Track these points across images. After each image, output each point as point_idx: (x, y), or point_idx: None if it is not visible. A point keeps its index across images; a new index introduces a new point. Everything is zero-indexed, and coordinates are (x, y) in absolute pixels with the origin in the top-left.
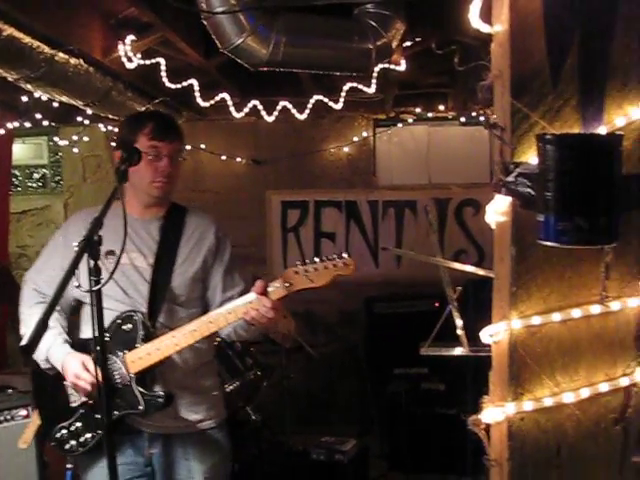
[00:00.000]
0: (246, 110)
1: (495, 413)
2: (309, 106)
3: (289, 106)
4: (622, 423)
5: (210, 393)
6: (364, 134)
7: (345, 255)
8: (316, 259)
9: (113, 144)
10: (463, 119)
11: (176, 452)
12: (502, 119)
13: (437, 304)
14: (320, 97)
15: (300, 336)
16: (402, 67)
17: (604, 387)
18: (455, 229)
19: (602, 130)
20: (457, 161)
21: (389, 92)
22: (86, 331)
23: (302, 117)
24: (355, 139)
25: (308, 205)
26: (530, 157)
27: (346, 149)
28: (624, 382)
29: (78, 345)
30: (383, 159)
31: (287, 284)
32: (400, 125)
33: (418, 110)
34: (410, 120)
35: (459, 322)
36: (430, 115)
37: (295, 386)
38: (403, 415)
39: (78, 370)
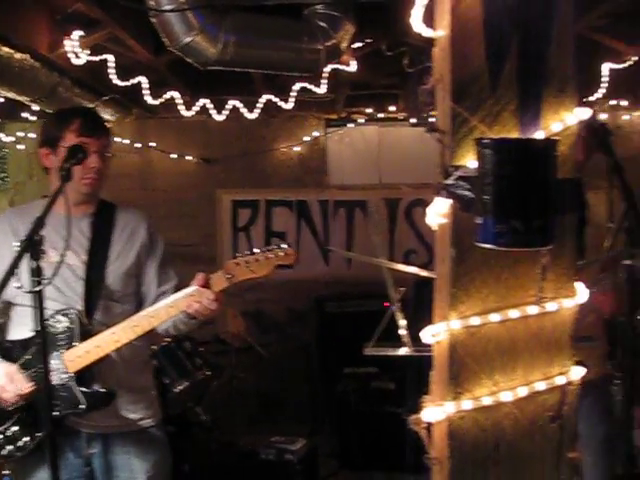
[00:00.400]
0: (196, 109)
1: (435, 412)
2: (259, 105)
3: (239, 105)
4: (558, 420)
5: (149, 392)
6: (315, 134)
7: (285, 245)
8: (256, 250)
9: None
10: (414, 120)
11: (116, 451)
12: (443, 123)
13: (387, 304)
14: (270, 97)
15: (250, 336)
16: (352, 68)
17: (541, 386)
18: (405, 229)
19: (539, 135)
20: (407, 161)
21: (340, 92)
22: (15, 333)
23: (252, 116)
24: (306, 139)
25: (259, 204)
26: (469, 160)
27: (297, 149)
28: (560, 381)
29: (2, 350)
30: (334, 159)
31: (229, 276)
32: (351, 125)
33: (369, 110)
34: (361, 120)
35: (402, 322)
36: (381, 116)
37: (245, 386)
38: (353, 414)
39: (3, 382)
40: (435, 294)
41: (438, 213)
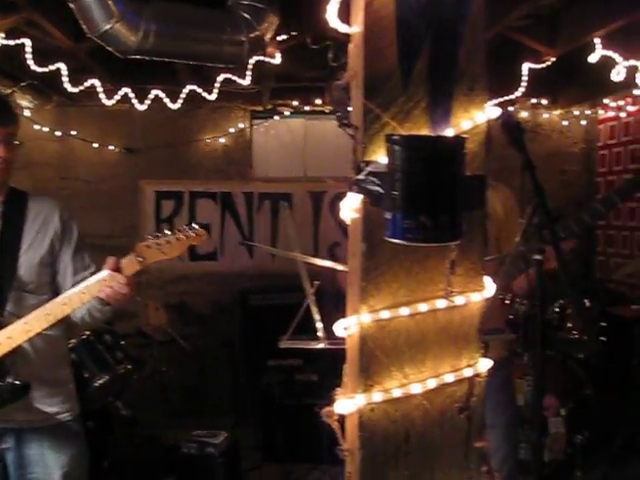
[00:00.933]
0: (117, 97)
1: (346, 404)
2: (182, 96)
3: (162, 95)
4: (466, 411)
5: (66, 385)
6: (241, 125)
7: (196, 225)
8: (167, 231)
9: None
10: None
11: (31, 446)
12: (356, 118)
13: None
14: (194, 87)
15: (172, 328)
16: (277, 60)
17: (449, 378)
18: (330, 222)
19: (449, 132)
20: (333, 155)
21: (266, 85)
22: None
23: (175, 106)
24: (231, 130)
25: (183, 196)
26: (380, 156)
27: (222, 140)
28: (468, 373)
29: None
30: (259, 151)
31: (140, 258)
32: (277, 118)
33: (295, 103)
34: (287, 113)
35: (317, 316)
36: (307, 109)
37: (168, 379)
38: (277, 406)
39: None
40: (348, 288)
41: (351, 208)
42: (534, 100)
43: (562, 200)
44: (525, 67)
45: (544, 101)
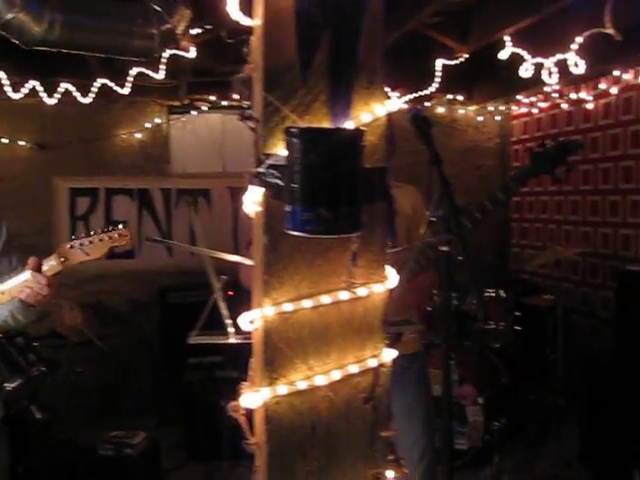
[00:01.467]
0: (25, 91)
1: (252, 398)
2: (94, 90)
3: (72, 89)
4: (372, 402)
5: None
6: (157, 121)
7: (120, 226)
8: (92, 232)
9: None
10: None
11: None
12: (256, 111)
13: (231, 293)
14: (105, 81)
15: (88, 329)
16: (192, 54)
17: (354, 369)
18: (249, 217)
19: (349, 125)
20: (251, 150)
21: (182, 79)
22: None
23: (86, 101)
24: (148, 125)
25: (98, 193)
26: (281, 149)
27: (138, 135)
28: (373, 363)
29: None
30: (177, 147)
31: (62, 259)
32: (194, 113)
33: (213, 98)
34: (205, 108)
35: (225, 311)
36: (225, 103)
37: (86, 381)
38: (198, 404)
39: None
40: (253, 281)
41: (253, 201)
42: (450, 96)
43: (478, 194)
44: (439, 63)
45: (460, 97)
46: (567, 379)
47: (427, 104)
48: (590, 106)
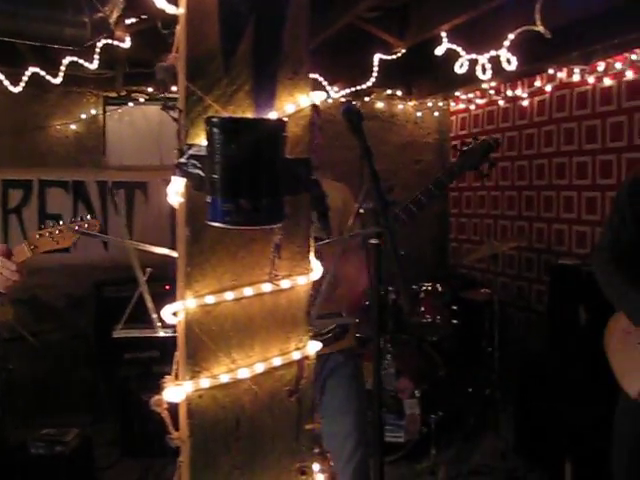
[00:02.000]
0: None
1: (174, 392)
2: (25, 78)
3: (1, 77)
4: (296, 394)
5: None
6: (93, 112)
7: (89, 216)
8: (61, 221)
9: None
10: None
11: None
12: (180, 101)
13: (168, 287)
14: (37, 69)
15: (20, 324)
16: (127, 44)
17: (278, 361)
18: None
19: (273, 115)
20: None
21: (118, 69)
22: None
23: (16, 90)
24: (83, 117)
25: (32, 185)
26: (203, 139)
27: (73, 127)
28: (297, 356)
29: None
30: (113, 138)
31: (32, 247)
32: (131, 104)
33: (150, 90)
34: (142, 99)
35: (150, 304)
36: (163, 95)
37: (19, 378)
38: (134, 400)
39: None
40: (177, 274)
41: (176, 192)
42: (389, 91)
43: (417, 188)
44: (376, 58)
45: (399, 92)
46: (503, 372)
47: (366, 99)
48: (526, 103)
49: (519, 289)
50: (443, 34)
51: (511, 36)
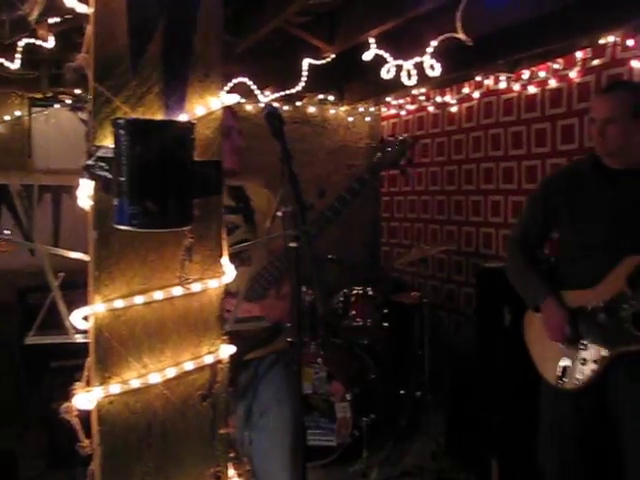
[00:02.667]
0: None
1: (84, 398)
2: None
3: None
4: (210, 399)
5: None
6: (18, 113)
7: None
8: None
9: None
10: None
11: None
12: (90, 102)
13: None
14: None
15: None
16: (50, 44)
17: (190, 366)
18: None
19: (184, 118)
20: None
21: (43, 70)
22: None
23: None
24: (7, 118)
25: None
26: (111, 141)
27: None
28: (209, 360)
29: None
30: (39, 141)
31: None
32: (58, 106)
33: (78, 91)
34: (69, 101)
35: (63, 310)
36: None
37: None
38: (59, 410)
39: None
40: (89, 278)
41: (86, 195)
42: (321, 96)
43: None
44: (305, 62)
45: (331, 97)
46: (433, 374)
47: (298, 103)
48: (454, 109)
49: (449, 292)
50: (371, 40)
51: (434, 43)
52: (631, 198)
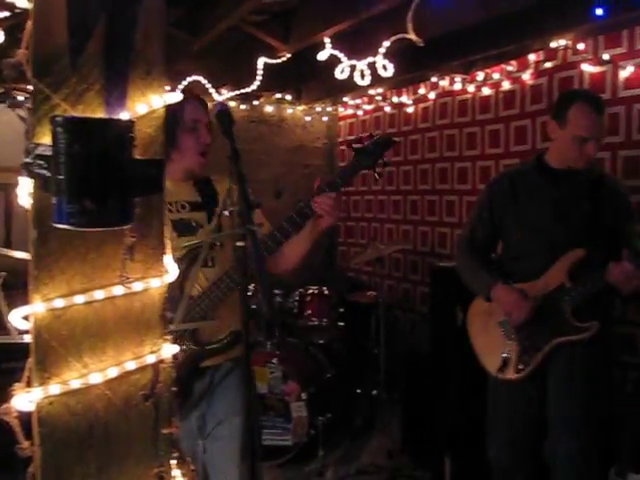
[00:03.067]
0: None
1: (23, 400)
2: None
3: None
4: (152, 399)
5: None
6: None
7: None
8: None
9: None
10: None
11: None
12: (30, 99)
13: None
14: None
15: None
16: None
17: (132, 365)
18: None
19: (125, 116)
20: None
21: None
22: None
23: None
24: None
25: None
26: (50, 139)
27: None
28: (151, 359)
29: None
30: None
31: None
32: (6, 103)
33: (31, 88)
34: (21, 98)
35: (4, 309)
36: None
37: None
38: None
39: None
40: (29, 277)
41: (26, 193)
42: (279, 95)
43: (306, 192)
44: (261, 61)
45: (288, 97)
46: (389, 373)
47: (255, 103)
48: (411, 110)
49: (404, 291)
50: (327, 40)
51: (386, 43)
52: (574, 197)
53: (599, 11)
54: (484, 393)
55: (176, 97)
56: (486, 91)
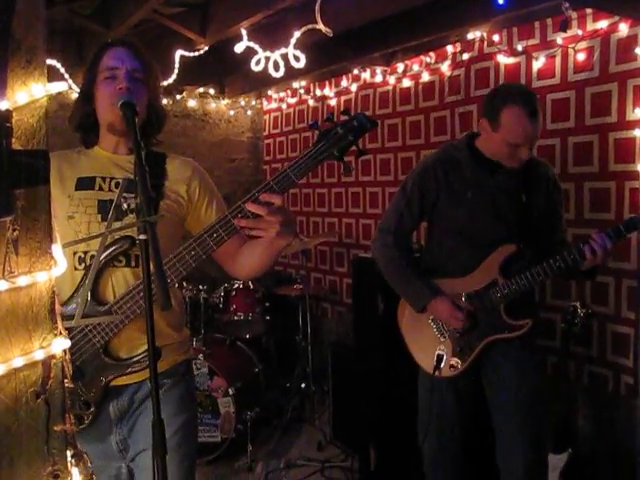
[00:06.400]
0: None
1: None
2: None
3: None
4: (43, 395)
5: None
6: None
7: None
8: None
9: None
10: None
11: None
12: None
13: None
14: None
15: None
16: None
17: (20, 362)
18: None
19: (4, 105)
20: None
21: None
22: None
23: None
24: None
25: None
26: None
27: None
28: (41, 355)
29: None
30: None
31: None
32: None
33: None
34: None
35: None
36: None
37: None
38: None
39: None
40: None
41: None
42: (202, 89)
43: (231, 186)
44: (177, 54)
45: (211, 90)
46: (317, 365)
47: (178, 97)
48: (333, 102)
49: (331, 283)
50: (244, 32)
51: (297, 34)
52: (506, 189)
53: (500, 0)
54: (408, 382)
55: (60, 87)
56: (406, 83)
